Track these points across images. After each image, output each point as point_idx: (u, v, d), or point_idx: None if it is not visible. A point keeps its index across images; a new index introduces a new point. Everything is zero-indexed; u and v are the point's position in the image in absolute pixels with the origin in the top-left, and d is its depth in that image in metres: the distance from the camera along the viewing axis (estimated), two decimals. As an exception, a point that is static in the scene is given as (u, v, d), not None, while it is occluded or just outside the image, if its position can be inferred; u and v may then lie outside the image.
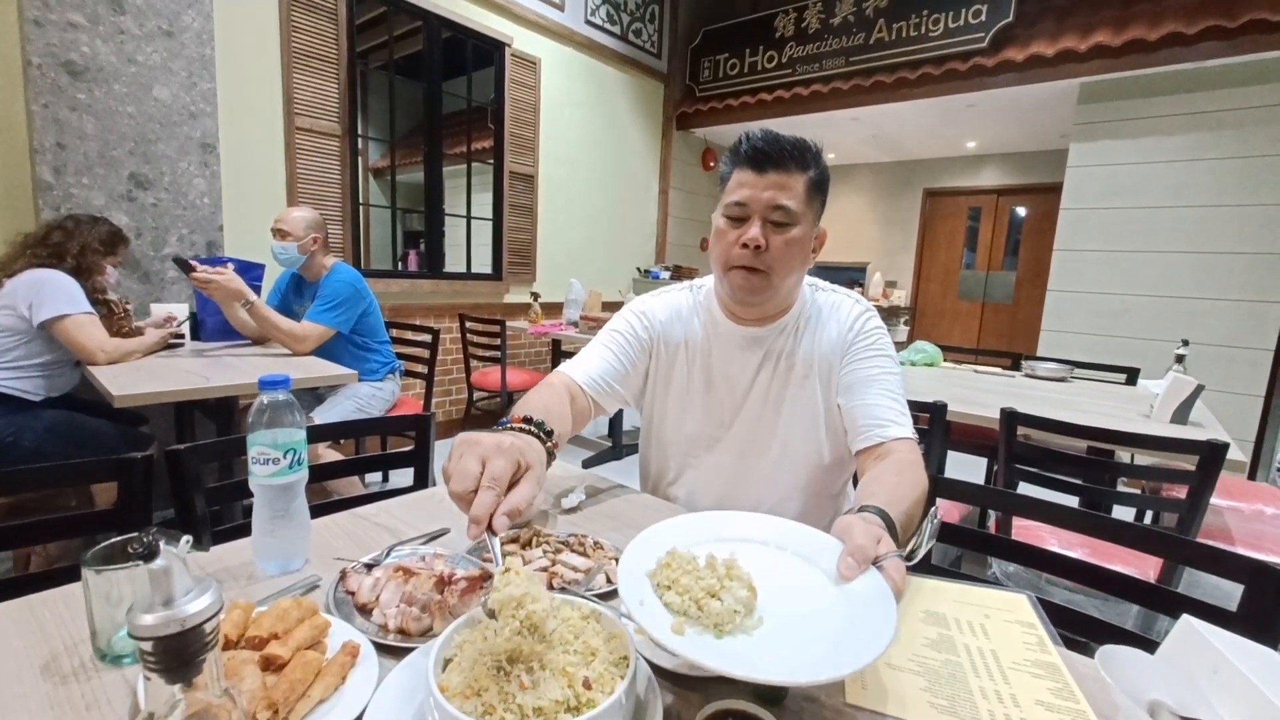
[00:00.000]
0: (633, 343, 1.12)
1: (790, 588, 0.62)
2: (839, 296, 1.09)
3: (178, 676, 0.28)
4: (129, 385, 1.65)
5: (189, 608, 0.29)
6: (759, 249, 0.94)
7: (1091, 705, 0.58)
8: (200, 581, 0.30)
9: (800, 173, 0.95)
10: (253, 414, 0.72)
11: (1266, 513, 1.97)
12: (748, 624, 0.55)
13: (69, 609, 0.65)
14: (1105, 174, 3.62)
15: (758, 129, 0.97)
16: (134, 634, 0.28)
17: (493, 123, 4.04)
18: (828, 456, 1.05)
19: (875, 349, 1.03)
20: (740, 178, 0.96)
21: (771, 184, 0.94)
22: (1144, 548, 0.88)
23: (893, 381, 1.01)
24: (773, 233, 0.95)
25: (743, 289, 0.98)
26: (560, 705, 0.45)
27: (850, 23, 4.26)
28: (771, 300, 1.01)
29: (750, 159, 0.94)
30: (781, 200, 0.94)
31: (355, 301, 2.33)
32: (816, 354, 1.05)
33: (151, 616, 0.28)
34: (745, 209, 0.96)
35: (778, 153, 0.93)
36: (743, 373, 1.07)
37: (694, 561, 0.60)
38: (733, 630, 0.54)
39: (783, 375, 1.05)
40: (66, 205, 2.26)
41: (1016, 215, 6.17)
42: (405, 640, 0.62)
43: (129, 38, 2.35)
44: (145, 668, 0.28)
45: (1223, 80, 3.23)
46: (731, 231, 0.97)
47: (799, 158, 0.94)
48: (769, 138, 0.94)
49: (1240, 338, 3.25)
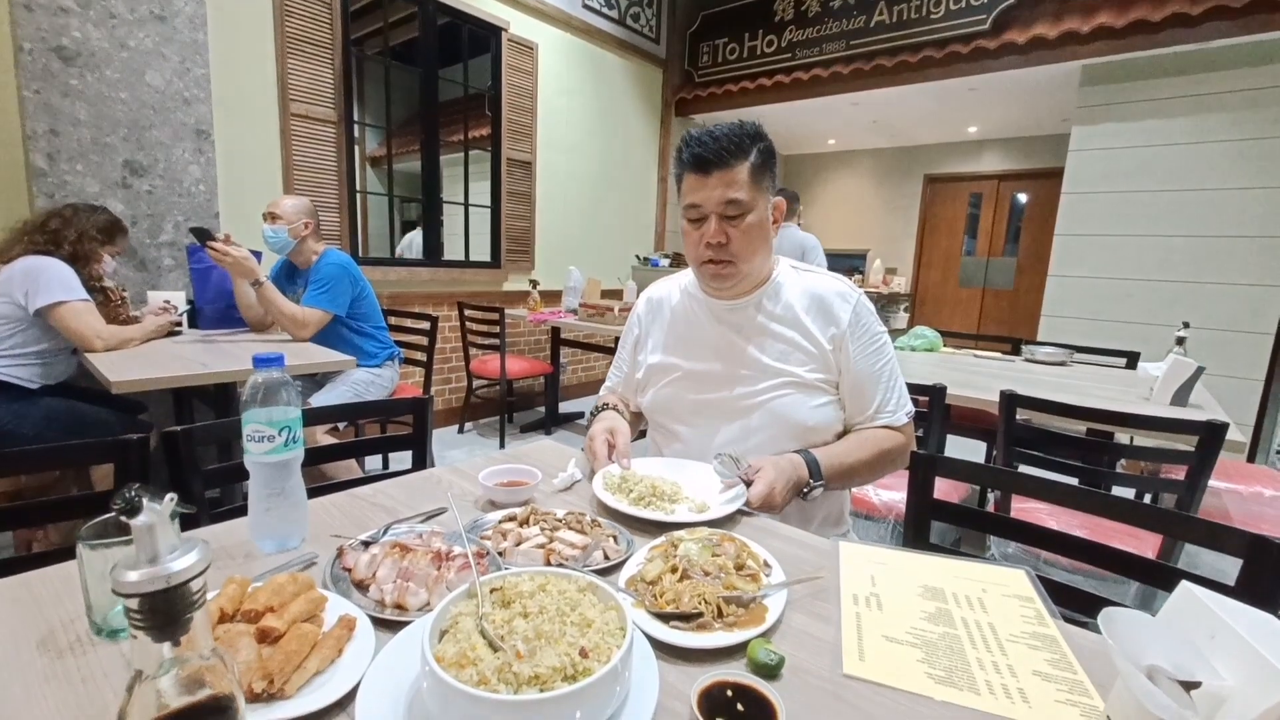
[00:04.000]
0: (628, 345, 1.29)
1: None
2: (823, 277, 1.14)
3: (164, 635, 0.28)
4: (126, 371, 1.64)
5: (174, 565, 0.28)
6: (721, 245, 1.03)
7: (1089, 675, 0.58)
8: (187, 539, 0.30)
9: (742, 161, 1.00)
10: (247, 392, 0.71)
11: (1265, 494, 1.97)
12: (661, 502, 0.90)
13: (65, 586, 0.64)
14: (1107, 157, 3.58)
15: (694, 130, 1.03)
16: (118, 590, 0.27)
17: (490, 109, 4.00)
18: (808, 420, 1.07)
19: (872, 339, 1.09)
20: (689, 182, 1.03)
21: (718, 183, 1.00)
22: (1142, 523, 0.88)
23: (890, 370, 1.10)
24: (729, 225, 1.03)
25: (715, 279, 1.08)
26: (558, 673, 0.45)
27: (850, 6, 4.20)
28: (744, 281, 1.10)
29: (693, 164, 1.01)
30: (730, 195, 1.00)
31: (347, 282, 2.32)
32: (803, 329, 1.09)
33: (136, 573, 0.28)
34: (700, 210, 1.03)
35: (716, 154, 0.99)
36: (719, 337, 1.13)
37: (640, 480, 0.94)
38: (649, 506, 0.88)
39: (755, 338, 1.11)
40: (61, 192, 2.24)
41: (1017, 201, 6.13)
42: (401, 615, 0.62)
43: (120, 22, 2.32)
44: (131, 626, 0.28)
45: (1227, 61, 3.19)
46: (694, 232, 1.06)
47: (737, 149, 1.00)
48: (705, 139, 1.00)
49: (1241, 322, 3.24)
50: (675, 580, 0.66)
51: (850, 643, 0.62)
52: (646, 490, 0.91)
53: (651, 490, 0.91)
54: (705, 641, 0.59)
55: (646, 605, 0.64)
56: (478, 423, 4.05)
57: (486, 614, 0.52)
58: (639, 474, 0.97)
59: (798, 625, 0.65)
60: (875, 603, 0.69)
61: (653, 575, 0.67)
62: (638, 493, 0.91)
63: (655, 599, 0.64)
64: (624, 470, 0.98)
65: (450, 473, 1.04)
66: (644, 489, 0.91)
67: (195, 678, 0.29)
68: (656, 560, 0.70)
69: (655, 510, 0.87)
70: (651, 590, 0.66)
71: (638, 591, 0.66)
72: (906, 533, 1.08)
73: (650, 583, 0.67)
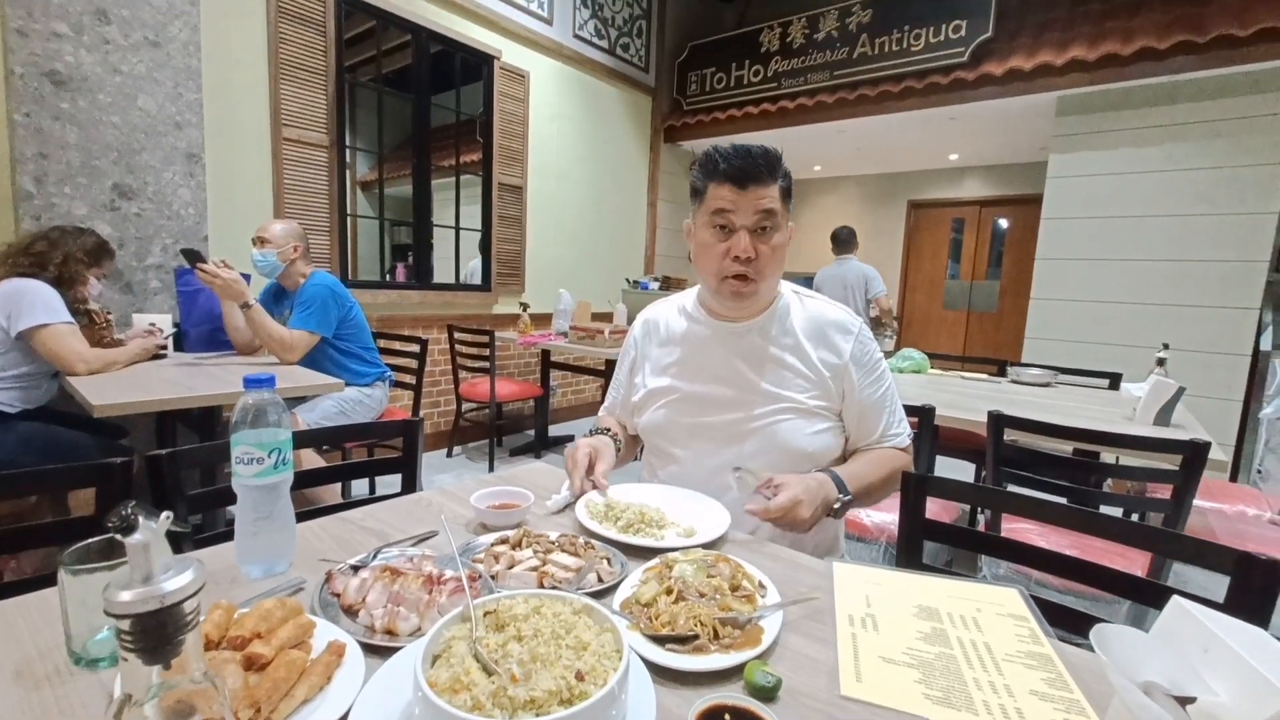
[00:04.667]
0: (624, 368, 1.28)
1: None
2: (826, 306, 1.15)
3: (156, 657, 0.27)
4: (109, 394, 1.61)
5: (168, 585, 0.28)
6: (750, 260, 1.01)
7: (1085, 694, 0.58)
8: (181, 560, 0.29)
9: (774, 182, 1.01)
10: (236, 413, 0.71)
11: (1249, 513, 1.99)
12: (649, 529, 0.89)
13: (42, 615, 0.63)
14: (1084, 184, 3.69)
15: (727, 144, 1.03)
16: (110, 611, 0.27)
17: (481, 135, 4.05)
18: (806, 446, 1.07)
19: (873, 368, 1.11)
20: (721, 193, 1.01)
21: (754, 198, 1.00)
22: (1131, 541, 0.89)
23: (891, 395, 1.13)
24: (759, 241, 1.02)
25: (735, 296, 1.06)
26: (554, 697, 0.45)
27: (834, 37, 4.34)
28: (758, 301, 1.10)
29: (731, 176, 1.00)
30: (766, 205, 1.00)
31: (333, 304, 2.31)
32: (804, 356, 1.09)
33: (129, 593, 0.27)
34: (731, 221, 1.02)
35: (755, 169, 0.99)
36: (721, 361, 1.12)
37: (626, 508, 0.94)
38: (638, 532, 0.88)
39: (756, 365, 1.10)
40: (47, 215, 2.23)
41: (999, 226, 6.27)
42: (392, 640, 0.60)
43: (114, 48, 2.34)
44: (121, 648, 0.27)
45: (1195, 93, 3.32)
46: (718, 244, 1.03)
47: (772, 169, 1.01)
48: (744, 154, 1.00)
49: (1218, 343, 3.31)
50: (670, 602, 0.65)
51: (847, 664, 0.62)
52: (635, 517, 0.90)
53: (640, 517, 0.90)
54: (701, 664, 0.58)
55: (642, 628, 0.63)
56: (466, 446, 4.02)
57: (480, 637, 0.51)
58: (624, 502, 0.96)
59: (794, 647, 0.64)
60: (871, 623, 0.69)
61: (648, 597, 0.67)
62: (625, 520, 0.90)
63: (651, 621, 0.63)
64: (605, 497, 0.97)
65: (441, 495, 1.03)
66: (631, 515, 0.90)
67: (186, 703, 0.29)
68: (651, 582, 0.70)
69: (645, 537, 0.86)
70: (647, 613, 0.65)
71: (633, 614, 0.65)
72: (899, 554, 1.08)
73: (645, 605, 0.66)
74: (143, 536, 0.28)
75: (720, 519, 0.91)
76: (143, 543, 0.28)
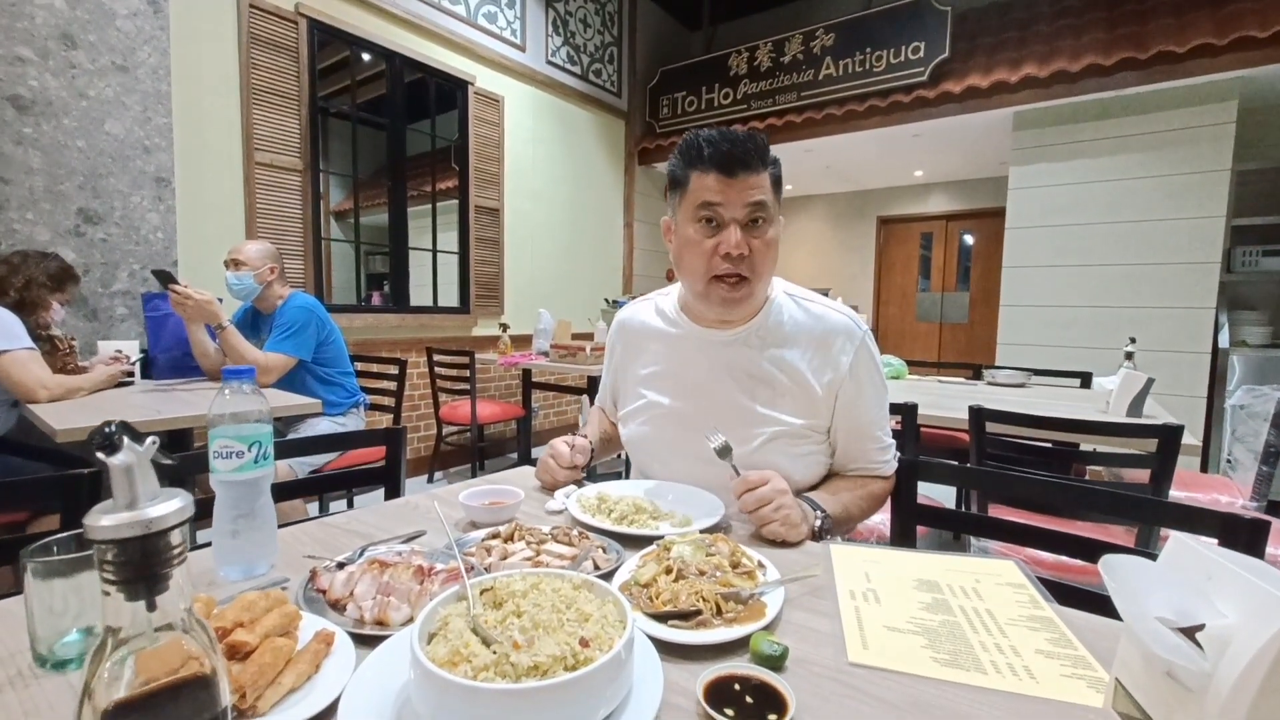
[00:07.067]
0: (610, 369, 1.23)
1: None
2: (826, 311, 1.01)
3: (139, 591, 0.25)
4: (73, 420, 1.55)
5: (153, 510, 0.26)
6: (742, 256, 0.90)
7: (1090, 651, 0.58)
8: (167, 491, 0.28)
9: (765, 169, 0.91)
10: (214, 406, 0.68)
11: (1222, 500, 2.04)
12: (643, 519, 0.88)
13: (4, 620, 0.59)
14: (1043, 195, 3.84)
15: (710, 129, 0.92)
16: (91, 536, 0.25)
17: (457, 160, 4.07)
18: (791, 471, 0.95)
19: (871, 383, 0.99)
20: (708, 182, 0.90)
21: (745, 187, 0.89)
22: (1119, 510, 0.90)
23: (884, 418, 1.01)
24: (752, 236, 0.91)
25: (726, 301, 0.94)
26: (558, 662, 0.43)
27: (800, 60, 4.49)
28: (749, 303, 0.97)
29: (717, 163, 0.89)
30: (758, 196, 0.90)
31: (314, 326, 2.26)
32: (796, 373, 0.98)
33: (111, 517, 0.25)
34: (720, 213, 0.90)
35: (744, 154, 0.88)
36: (707, 374, 1.02)
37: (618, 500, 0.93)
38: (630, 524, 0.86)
39: (744, 381, 0.99)
40: (9, 241, 2.16)
41: (965, 239, 6.46)
42: (383, 630, 0.58)
43: (80, 72, 2.31)
44: (103, 581, 0.25)
45: (1140, 107, 3.50)
46: (705, 240, 0.91)
47: (762, 155, 0.91)
48: (731, 138, 0.89)
49: (1179, 342, 3.43)
50: (670, 581, 0.64)
51: (852, 633, 0.61)
52: (629, 509, 0.89)
53: (634, 508, 0.89)
54: (707, 638, 0.56)
55: (642, 608, 0.61)
56: (448, 471, 3.93)
57: (479, 614, 0.49)
58: (616, 494, 0.94)
59: (797, 620, 0.63)
60: (872, 597, 0.68)
61: (647, 578, 0.65)
62: (619, 512, 0.88)
63: (651, 600, 0.62)
64: (596, 490, 0.96)
65: (427, 498, 1.00)
66: (625, 508, 0.89)
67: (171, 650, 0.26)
68: (650, 564, 0.68)
69: (641, 527, 0.85)
70: (646, 593, 0.63)
71: (632, 596, 0.64)
72: (893, 540, 1.08)
73: (645, 585, 0.64)
74: (126, 457, 0.26)
75: (715, 507, 0.90)
76: (126, 464, 0.26)
